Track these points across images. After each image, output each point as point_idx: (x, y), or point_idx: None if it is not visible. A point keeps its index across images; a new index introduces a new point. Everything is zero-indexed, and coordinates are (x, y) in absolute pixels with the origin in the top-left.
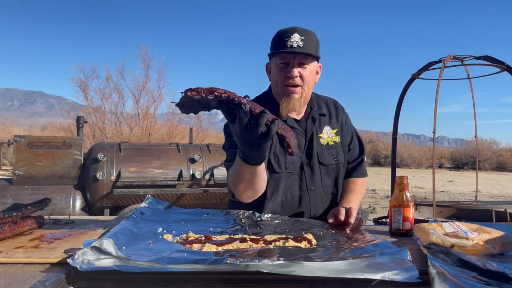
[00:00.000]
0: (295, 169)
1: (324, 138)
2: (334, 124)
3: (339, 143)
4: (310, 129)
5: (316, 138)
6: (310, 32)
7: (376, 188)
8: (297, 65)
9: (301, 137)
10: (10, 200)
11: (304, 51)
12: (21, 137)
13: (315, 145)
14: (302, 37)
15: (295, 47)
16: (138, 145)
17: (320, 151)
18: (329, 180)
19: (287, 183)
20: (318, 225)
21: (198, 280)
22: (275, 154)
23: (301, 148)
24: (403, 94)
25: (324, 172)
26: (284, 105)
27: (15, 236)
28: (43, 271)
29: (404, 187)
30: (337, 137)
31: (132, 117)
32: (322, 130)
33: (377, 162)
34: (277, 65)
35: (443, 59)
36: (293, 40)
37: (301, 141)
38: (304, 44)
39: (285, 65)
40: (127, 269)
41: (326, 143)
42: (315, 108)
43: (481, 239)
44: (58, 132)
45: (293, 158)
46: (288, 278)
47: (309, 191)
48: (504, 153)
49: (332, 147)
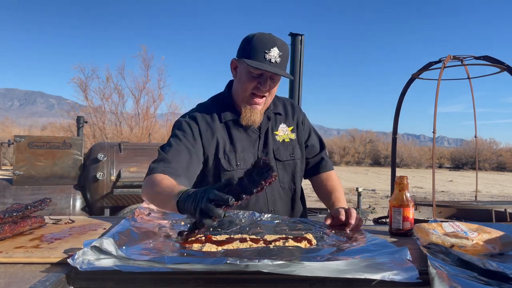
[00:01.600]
0: (248, 165)
1: (280, 135)
2: (290, 122)
3: (295, 140)
4: (265, 126)
5: (271, 135)
6: (285, 45)
7: (376, 188)
8: (270, 79)
9: (255, 134)
10: (10, 200)
11: (279, 68)
12: (21, 137)
13: (270, 142)
14: (280, 53)
15: (273, 62)
16: (138, 145)
17: (276, 147)
18: (286, 176)
19: None
20: (318, 225)
21: (198, 280)
22: (225, 153)
23: (255, 145)
24: (403, 94)
25: (281, 168)
26: (247, 115)
27: (15, 236)
28: (43, 271)
29: (404, 187)
30: (292, 134)
31: (132, 117)
32: (278, 128)
33: (377, 162)
34: (249, 71)
35: (443, 59)
36: (272, 55)
37: (254, 138)
38: (281, 61)
39: (257, 75)
40: (127, 269)
41: (282, 140)
42: (271, 108)
43: (481, 239)
44: (58, 132)
45: (245, 155)
46: (288, 278)
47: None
48: (504, 153)
49: (288, 144)
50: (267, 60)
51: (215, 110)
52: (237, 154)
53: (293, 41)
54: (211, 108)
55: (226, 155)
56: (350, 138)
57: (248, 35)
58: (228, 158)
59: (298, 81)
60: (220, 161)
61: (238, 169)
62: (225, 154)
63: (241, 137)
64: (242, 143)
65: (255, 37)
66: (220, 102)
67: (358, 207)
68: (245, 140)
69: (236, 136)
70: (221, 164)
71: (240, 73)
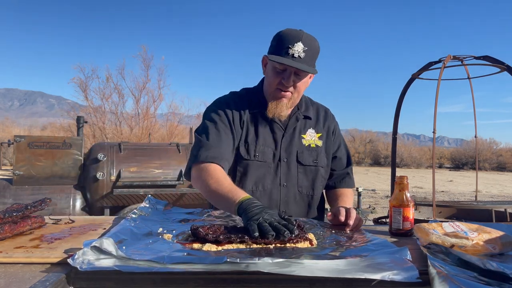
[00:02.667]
0: (266, 159)
1: (307, 139)
2: (320, 129)
3: (321, 147)
4: (291, 126)
5: (298, 137)
6: (313, 41)
7: (376, 188)
8: (293, 74)
9: (280, 131)
10: (10, 200)
11: (303, 63)
12: (21, 137)
13: (295, 143)
14: (305, 48)
15: (296, 57)
16: (138, 145)
17: (300, 150)
18: (306, 181)
19: (259, 174)
20: (318, 225)
21: (198, 280)
22: (246, 141)
23: (278, 142)
24: (403, 94)
25: (302, 172)
26: (273, 107)
27: (15, 236)
28: (43, 271)
29: (404, 187)
30: (320, 141)
31: (132, 117)
32: (306, 132)
33: (377, 162)
34: (274, 67)
35: (443, 59)
36: (296, 50)
37: (278, 135)
38: (306, 56)
39: (282, 70)
40: (127, 269)
41: (308, 145)
42: (301, 110)
43: (481, 239)
44: (58, 132)
45: (265, 148)
46: (288, 278)
47: (282, 186)
48: (504, 153)
49: (313, 149)
50: (290, 55)
51: (246, 100)
52: (257, 145)
53: None
54: (242, 98)
55: (246, 143)
56: (350, 138)
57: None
58: (248, 148)
59: None
60: (239, 148)
61: (256, 160)
62: (246, 143)
63: (265, 130)
64: (265, 136)
65: (281, 33)
66: (251, 94)
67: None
68: (268, 134)
69: (261, 128)
70: (240, 152)
71: (267, 69)
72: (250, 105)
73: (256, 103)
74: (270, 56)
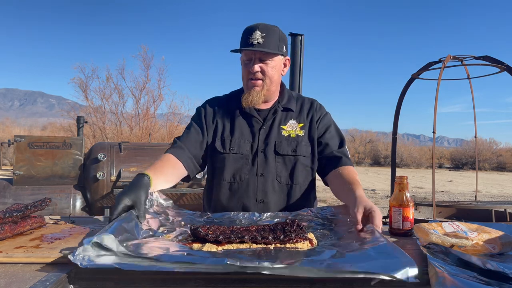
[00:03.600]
0: (243, 151)
1: (287, 130)
2: (303, 119)
3: (302, 136)
4: (270, 118)
5: (277, 128)
6: (272, 28)
7: (376, 188)
8: (259, 61)
9: (258, 124)
10: (10, 200)
11: (262, 48)
12: (21, 137)
13: (273, 134)
14: (263, 34)
15: (255, 44)
16: (138, 145)
17: (279, 141)
18: (285, 171)
19: (237, 166)
20: (320, 215)
21: (198, 280)
22: (222, 136)
23: (256, 134)
24: (403, 94)
25: (280, 162)
26: (245, 97)
27: (16, 236)
28: (43, 271)
29: (404, 187)
30: (301, 131)
31: (132, 117)
32: (286, 123)
33: (377, 162)
34: (242, 61)
35: (443, 59)
36: (254, 38)
37: (256, 128)
38: (264, 41)
39: (248, 61)
40: (127, 267)
41: (287, 135)
42: (282, 102)
43: (481, 239)
44: (58, 132)
45: (241, 141)
46: (288, 278)
47: (259, 176)
48: (504, 153)
49: (292, 139)
50: (250, 43)
51: (226, 99)
52: (233, 139)
53: (293, 41)
54: (223, 98)
55: (222, 138)
56: (350, 138)
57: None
58: (224, 142)
59: (298, 81)
60: (215, 143)
61: (232, 153)
62: (222, 138)
63: (242, 124)
64: (242, 130)
65: (244, 30)
66: (234, 94)
67: None
68: (245, 128)
69: (238, 123)
70: (215, 146)
71: (241, 67)
72: (229, 102)
73: (235, 99)
74: (233, 50)
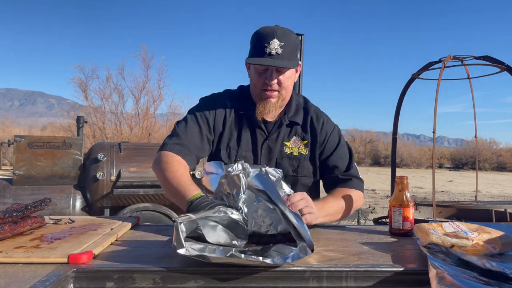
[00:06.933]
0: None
1: (290, 147)
2: (307, 136)
3: (305, 155)
4: (274, 132)
5: (280, 144)
6: (289, 34)
7: (376, 188)
8: (276, 72)
9: (262, 137)
10: (10, 200)
11: (281, 59)
12: (21, 137)
13: (275, 151)
14: (281, 43)
15: (274, 55)
16: (138, 145)
17: (280, 158)
18: None
19: None
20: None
21: (198, 280)
22: (228, 145)
23: (258, 148)
24: (403, 94)
25: None
26: (260, 109)
27: (15, 236)
28: (43, 271)
29: (404, 187)
30: (305, 149)
31: (132, 117)
32: (290, 139)
33: (377, 162)
34: (256, 69)
35: (443, 59)
36: (272, 47)
37: (259, 141)
38: (283, 51)
39: (263, 70)
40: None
41: (290, 152)
42: (289, 115)
43: (481, 239)
44: (58, 132)
45: (246, 153)
46: (288, 276)
47: None
48: (504, 153)
49: (295, 158)
50: (267, 53)
51: (235, 100)
52: (239, 150)
53: None
54: (233, 97)
55: (228, 148)
56: (350, 138)
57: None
58: (229, 152)
59: (298, 81)
60: (220, 151)
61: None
62: (228, 147)
63: (247, 135)
64: (248, 141)
65: (256, 32)
66: (244, 93)
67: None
68: (250, 139)
69: (244, 133)
70: (221, 155)
71: (250, 72)
72: (238, 105)
73: (245, 104)
74: (249, 59)
